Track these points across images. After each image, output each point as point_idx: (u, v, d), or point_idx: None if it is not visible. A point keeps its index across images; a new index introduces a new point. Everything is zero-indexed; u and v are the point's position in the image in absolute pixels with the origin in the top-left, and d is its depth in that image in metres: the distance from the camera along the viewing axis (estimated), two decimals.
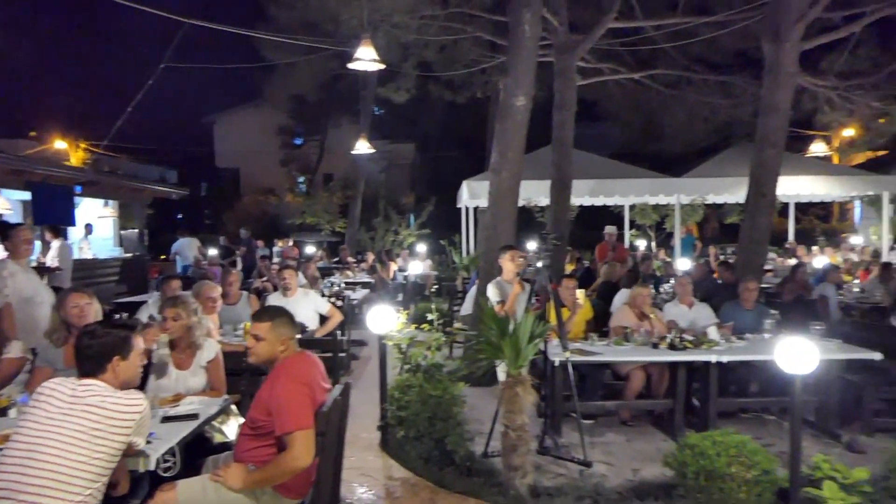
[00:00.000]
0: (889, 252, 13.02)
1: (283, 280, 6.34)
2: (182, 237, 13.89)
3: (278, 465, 2.65)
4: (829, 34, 9.26)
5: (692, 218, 14.34)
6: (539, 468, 4.51)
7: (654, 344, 5.23)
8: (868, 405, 5.34)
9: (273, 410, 2.71)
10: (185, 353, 3.85)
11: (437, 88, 13.11)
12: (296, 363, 2.89)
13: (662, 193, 12.33)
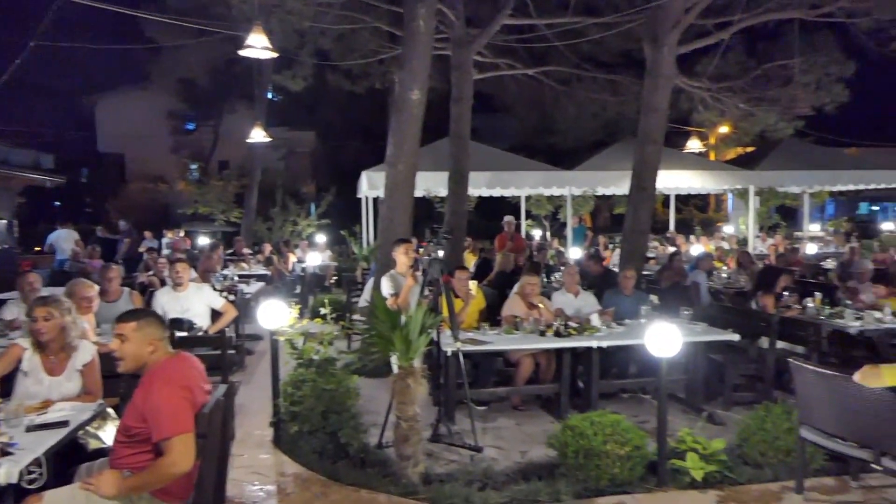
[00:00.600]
0: (755, 240, 14.32)
1: (175, 274, 6.09)
2: (59, 228, 12.91)
3: (156, 470, 2.58)
4: (703, 40, 10.01)
5: (584, 208, 15.06)
6: (432, 456, 4.64)
7: (541, 332, 5.49)
8: (729, 382, 5.90)
9: (149, 417, 2.63)
10: (59, 356, 3.63)
11: (335, 78, 12.92)
12: (170, 366, 2.82)
13: (555, 185, 12.87)
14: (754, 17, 9.63)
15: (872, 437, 3.53)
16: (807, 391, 3.90)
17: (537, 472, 4.31)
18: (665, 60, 8.71)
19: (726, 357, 5.99)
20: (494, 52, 11.27)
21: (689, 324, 5.84)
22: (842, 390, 3.59)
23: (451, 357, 5.01)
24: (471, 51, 9.67)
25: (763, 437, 4.34)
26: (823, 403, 3.79)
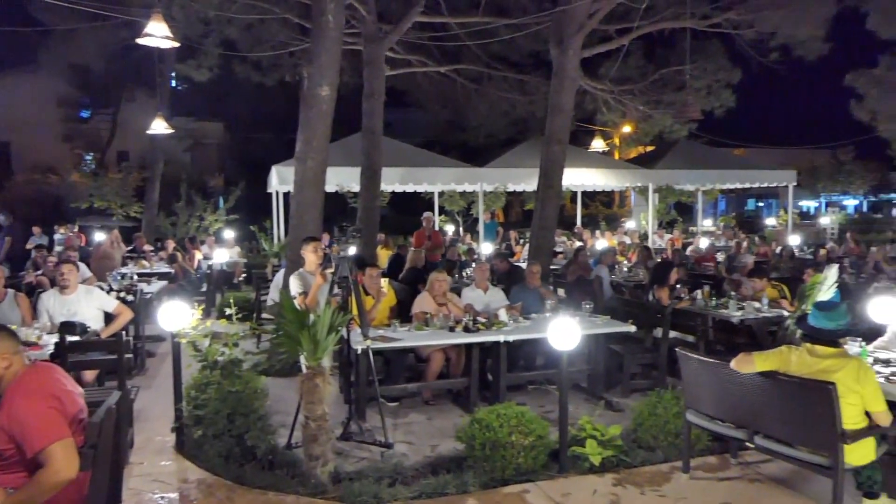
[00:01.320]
0: (653, 235, 15.17)
1: (60, 277, 5.73)
2: None
3: (39, 482, 2.45)
4: (605, 44, 10.49)
5: (496, 204, 15.39)
6: (342, 454, 4.65)
7: (451, 327, 5.61)
8: (627, 370, 6.25)
9: (17, 434, 2.49)
10: None
11: (243, 69, 12.52)
12: (29, 378, 2.66)
13: (467, 182, 13.10)
14: (651, 24, 10.19)
15: (747, 418, 3.87)
16: (692, 378, 4.21)
17: (446, 465, 4.41)
18: (570, 63, 9.06)
19: (625, 347, 6.35)
20: (407, 48, 11.31)
21: (591, 317, 6.14)
22: (721, 376, 3.91)
23: (362, 355, 5.02)
24: (383, 47, 9.66)
25: (655, 421, 4.64)
26: (706, 389, 4.11)
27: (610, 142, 19.22)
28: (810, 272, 6.63)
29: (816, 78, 13.39)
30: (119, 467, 2.93)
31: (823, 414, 3.35)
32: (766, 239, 15.00)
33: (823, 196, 25.85)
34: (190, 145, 24.31)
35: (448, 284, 6.30)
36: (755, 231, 19.27)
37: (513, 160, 13.22)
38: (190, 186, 17.49)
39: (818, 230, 19.74)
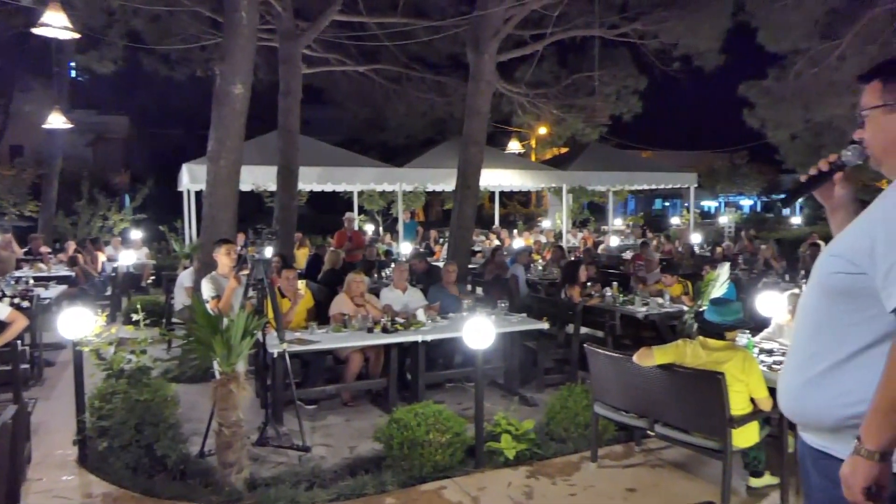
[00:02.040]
0: (567, 234, 15.73)
1: None
2: None
3: None
4: (520, 49, 10.79)
5: (416, 204, 15.48)
6: (258, 460, 4.58)
7: (369, 328, 5.63)
8: (541, 366, 6.48)
9: None
10: None
11: (150, 61, 11.96)
12: None
13: (387, 181, 13.11)
14: (563, 31, 10.57)
15: (648, 408, 4.13)
16: (599, 372, 4.45)
17: (365, 466, 4.44)
18: (486, 66, 9.27)
19: (539, 344, 6.58)
20: (324, 46, 11.19)
21: (506, 315, 6.32)
22: (625, 370, 4.15)
23: (278, 358, 4.96)
24: (299, 44, 9.52)
25: (566, 414, 4.86)
26: (612, 382, 4.36)
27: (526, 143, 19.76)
28: (707, 269, 7.12)
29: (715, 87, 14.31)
30: (16, 484, 2.79)
31: (714, 402, 3.64)
32: (669, 237, 15.89)
33: (722, 196, 27.66)
34: (92, 140, 22.95)
35: (366, 285, 6.31)
36: (661, 229, 20.35)
37: (432, 160, 13.35)
38: (92, 184, 16.49)
39: (718, 228, 21.09)
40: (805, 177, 1.90)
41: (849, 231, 1.65)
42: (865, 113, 1.74)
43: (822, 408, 1.64)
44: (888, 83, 1.71)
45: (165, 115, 23.81)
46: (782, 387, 1.80)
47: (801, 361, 1.71)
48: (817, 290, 1.70)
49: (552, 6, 9.82)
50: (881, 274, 1.49)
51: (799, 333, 1.78)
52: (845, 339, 1.60)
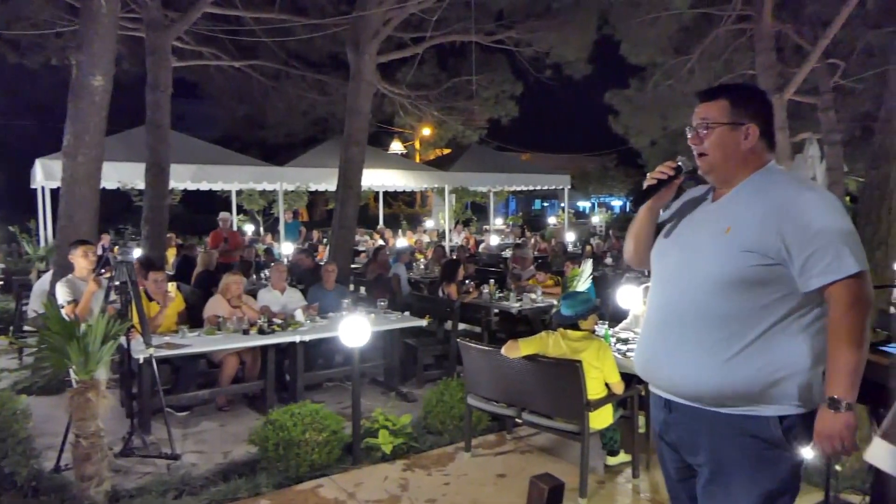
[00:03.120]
0: (450, 233, 16.10)
1: None
2: None
3: None
4: (401, 51, 10.92)
5: (298, 203, 15.19)
6: (123, 471, 4.36)
7: (244, 330, 5.51)
8: (421, 362, 6.64)
9: None
10: None
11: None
12: None
13: (267, 181, 12.77)
14: (442, 35, 10.84)
15: (516, 398, 4.39)
16: (471, 365, 4.66)
17: (239, 470, 4.35)
18: (366, 67, 9.31)
19: (419, 340, 6.74)
20: (197, 39, 10.71)
21: (386, 313, 6.42)
22: (494, 362, 4.38)
23: (144, 364, 4.74)
24: (168, 36, 9.05)
25: (442, 408, 5.03)
26: (483, 374, 4.58)
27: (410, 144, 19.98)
28: (569, 265, 7.60)
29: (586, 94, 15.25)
30: None
31: (572, 388, 3.94)
32: (544, 236, 16.72)
33: (594, 197, 29.48)
34: None
35: (242, 286, 6.16)
36: (539, 228, 21.34)
37: (314, 160, 13.17)
38: None
39: (590, 227, 22.45)
40: (648, 183, 2.10)
41: (749, 230, 1.84)
42: (711, 126, 1.96)
43: (749, 379, 1.82)
44: (735, 104, 1.96)
45: (15, 105, 21.60)
46: (686, 371, 1.92)
47: (713, 344, 1.87)
48: (724, 281, 1.86)
49: (431, 10, 10.04)
50: (798, 266, 1.79)
51: (697, 320, 1.90)
52: (761, 318, 1.83)
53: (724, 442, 1.89)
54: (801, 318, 1.85)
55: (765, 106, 2.03)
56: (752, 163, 1.98)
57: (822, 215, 1.80)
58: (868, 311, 1.78)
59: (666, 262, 2.07)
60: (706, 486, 1.94)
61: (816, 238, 1.78)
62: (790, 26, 11.04)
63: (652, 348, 2.06)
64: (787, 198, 1.85)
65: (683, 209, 2.12)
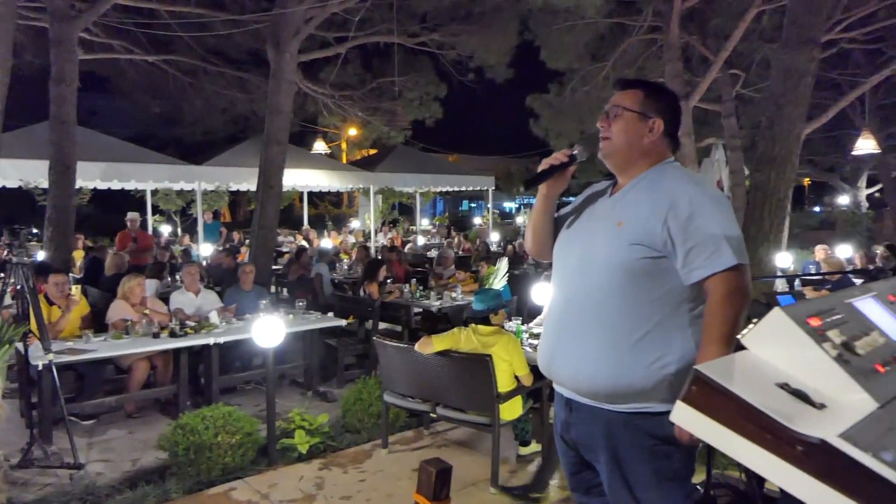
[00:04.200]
0: (377, 234, 16.07)
1: None
2: None
3: None
4: (323, 51, 10.83)
5: (218, 203, 14.76)
6: (21, 484, 4.15)
7: (155, 334, 5.35)
8: (341, 362, 6.64)
9: None
10: None
11: None
12: None
13: (184, 180, 12.34)
14: (366, 36, 10.83)
15: (431, 393, 4.48)
16: (387, 362, 4.71)
17: (148, 477, 4.24)
18: (287, 65, 9.17)
19: (340, 341, 6.73)
20: (108, 31, 10.25)
21: (305, 314, 6.38)
22: (409, 358, 4.46)
23: (44, 371, 4.53)
24: (75, 27, 8.63)
25: (360, 406, 5.06)
26: (398, 371, 4.64)
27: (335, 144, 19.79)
28: (483, 264, 7.78)
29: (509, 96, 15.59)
30: None
31: (483, 381, 4.07)
32: (468, 236, 16.97)
33: (519, 198, 30.11)
34: None
35: (144, 289, 5.96)
36: (466, 229, 21.61)
37: (234, 159, 12.82)
38: None
39: (515, 228, 22.92)
40: (542, 167, 2.10)
41: (638, 223, 1.91)
42: (621, 111, 2.01)
43: (642, 373, 1.87)
44: (648, 97, 2.03)
45: None
46: (583, 366, 1.96)
47: (607, 339, 1.92)
48: (615, 275, 1.91)
49: (354, 10, 10.01)
50: (681, 258, 1.86)
51: (592, 315, 1.95)
52: (651, 312, 1.89)
53: (620, 440, 1.94)
54: (689, 312, 1.92)
55: (674, 108, 2.10)
56: (652, 157, 2.04)
57: (705, 211, 1.87)
58: (744, 303, 1.86)
59: (566, 256, 2.11)
60: (609, 483, 2.00)
61: (697, 232, 1.84)
62: (696, 38, 11.70)
63: (553, 345, 2.10)
64: (674, 192, 1.91)
65: (585, 203, 2.17)
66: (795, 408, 0.85)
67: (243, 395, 6.19)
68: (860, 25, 10.00)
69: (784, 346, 0.94)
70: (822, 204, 26.92)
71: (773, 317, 0.96)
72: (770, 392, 0.87)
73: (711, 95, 11.94)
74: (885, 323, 1.09)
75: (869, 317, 1.08)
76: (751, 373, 0.91)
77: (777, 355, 0.93)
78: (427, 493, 1.72)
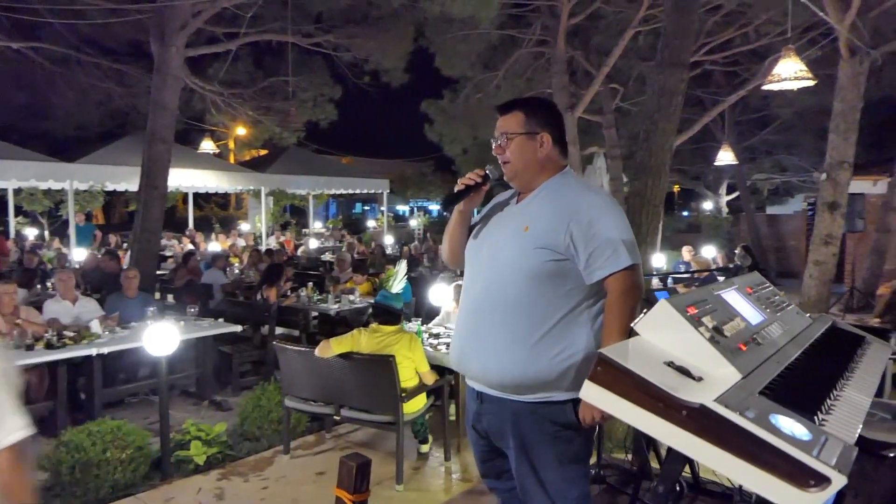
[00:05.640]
0: (269, 237, 15.64)
1: None
2: None
3: None
4: (212, 46, 10.42)
5: (92, 204, 13.74)
6: None
7: (28, 346, 4.95)
8: (236, 369, 6.45)
9: None
10: None
11: None
12: None
13: (53, 178, 11.39)
14: (258, 33, 10.54)
15: (334, 396, 4.49)
16: (288, 367, 4.67)
17: None
18: (173, 60, 8.76)
19: (234, 347, 6.54)
20: None
21: (196, 320, 6.14)
22: (310, 362, 4.45)
23: None
24: None
25: (259, 413, 4.97)
26: (300, 375, 4.62)
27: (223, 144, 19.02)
28: (388, 268, 7.86)
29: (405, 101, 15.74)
30: None
31: (387, 380, 4.15)
32: (362, 239, 16.94)
33: (413, 202, 30.37)
34: None
35: (15, 297, 5.51)
36: (359, 232, 21.51)
37: (110, 156, 12.02)
38: None
39: (409, 230, 23.13)
40: (458, 187, 2.27)
41: (542, 229, 2.08)
42: (511, 137, 2.18)
43: (547, 365, 2.04)
44: (529, 116, 2.19)
45: None
46: (492, 360, 2.11)
47: (515, 334, 2.07)
48: (522, 277, 2.07)
49: (246, 6, 9.70)
50: (583, 260, 2.05)
51: (501, 313, 2.10)
52: (556, 309, 2.06)
53: (526, 428, 2.11)
54: (588, 308, 2.11)
55: (555, 116, 2.28)
56: (549, 168, 2.22)
57: (604, 217, 2.08)
58: (639, 297, 2.08)
59: (476, 260, 2.27)
60: (517, 467, 2.18)
61: (597, 237, 2.04)
62: (580, 53, 12.43)
63: (464, 342, 2.25)
64: (574, 201, 2.12)
65: (492, 212, 2.34)
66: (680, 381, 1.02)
67: (129, 409, 5.86)
68: (720, 49, 11.08)
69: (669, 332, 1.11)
70: (689, 209, 29.37)
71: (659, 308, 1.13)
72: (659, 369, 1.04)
73: (594, 107, 12.72)
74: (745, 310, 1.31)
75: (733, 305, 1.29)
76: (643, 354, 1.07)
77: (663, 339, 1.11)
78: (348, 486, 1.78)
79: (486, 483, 2.43)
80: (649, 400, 1.00)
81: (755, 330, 1.24)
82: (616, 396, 1.04)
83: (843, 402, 1.10)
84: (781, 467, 0.91)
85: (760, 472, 0.92)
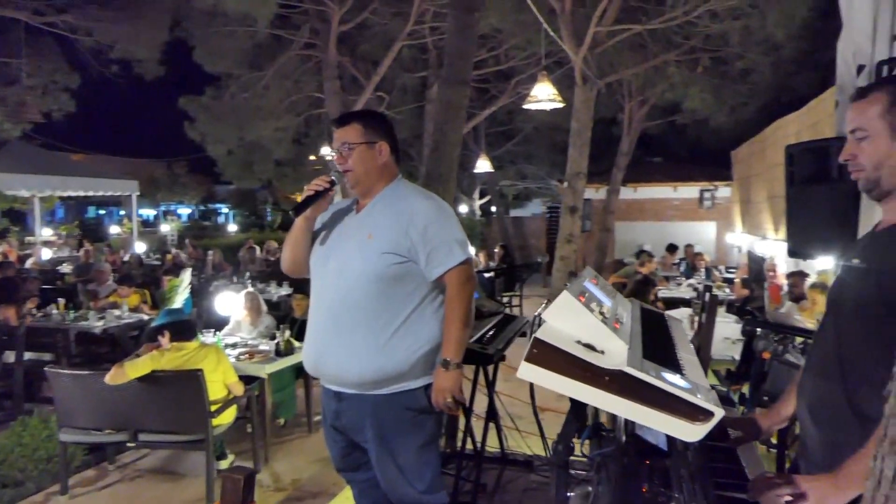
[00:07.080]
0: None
1: None
2: None
3: None
4: None
5: None
6: None
7: None
8: None
9: None
10: None
11: None
12: None
13: None
14: None
15: (128, 421, 4.05)
16: (64, 395, 4.08)
17: None
18: None
19: None
20: None
21: None
22: (96, 388, 3.96)
23: None
24: None
25: (22, 452, 4.25)
26: (81, 403, 4.07)
27: None
28: (168, 278, 7.22)
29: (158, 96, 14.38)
30: None
31: (195, 397, 3.89)
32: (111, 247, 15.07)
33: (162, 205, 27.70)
34: None
35: None
36: (100, 239, 19.01)
37: None
38: None
39: (160, 237, 21.09)
40: (307, 194, 2.32)
41: (385, 235, 2.24)
42: (352, 147, 2.29)
43: (401, 358, 2.22)
44: (367, 127, 2.33)
45: None
46: (350, 361, 2.23)
47: (369, 334, 2.21)
48: (370, 281, 2.21)
49: None
50: (423, 260, 2.24)
51: (354, 316, 2.23)
52: (404, 306, 2.24)
53: (385, 418, 2.27)
54: (432, 302, 2.33)
55: (389, 127, 2.46)
56: (386, 175, 2.39)
57: (437, 220, 2.29)
58: (473, 287, 2.35)
59: (323, 268, 2.36)
60: (377, 457, 2.31)
61: (434, 238, 2.25)
62: (348, 59, 12.69)
63: (318, 348, 2.34)
64: (411, 207, 2.32)
65: (333, 220, 2.44)
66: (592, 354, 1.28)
67: None
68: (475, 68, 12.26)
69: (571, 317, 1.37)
70: None
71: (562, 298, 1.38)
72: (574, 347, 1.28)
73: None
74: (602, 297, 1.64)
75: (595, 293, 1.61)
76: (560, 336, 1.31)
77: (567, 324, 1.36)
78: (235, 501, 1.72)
79: (344, 476, 2.55)
80: (578, 371, 1.24)
81: (614, 311, 1.57)
82: (550, 372, 1.26)
83: (685, 361, 1.48)
84: (681, 409, 1.22)
85: (665, 415, 1.22)
